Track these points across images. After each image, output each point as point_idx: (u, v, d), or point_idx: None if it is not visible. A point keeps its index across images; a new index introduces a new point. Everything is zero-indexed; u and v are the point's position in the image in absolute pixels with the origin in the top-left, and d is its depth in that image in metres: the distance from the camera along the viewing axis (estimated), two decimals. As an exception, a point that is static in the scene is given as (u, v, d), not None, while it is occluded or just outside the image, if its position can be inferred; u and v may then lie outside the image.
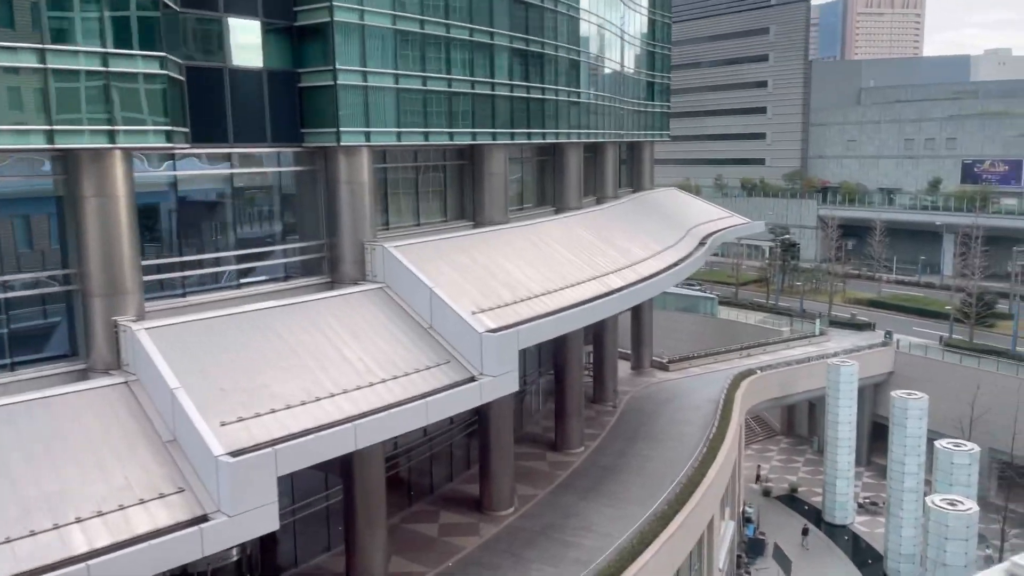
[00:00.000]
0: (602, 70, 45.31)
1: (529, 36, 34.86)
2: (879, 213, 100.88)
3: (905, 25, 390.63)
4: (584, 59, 41.39)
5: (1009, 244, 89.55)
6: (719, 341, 73.37)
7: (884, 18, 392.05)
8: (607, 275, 33.25)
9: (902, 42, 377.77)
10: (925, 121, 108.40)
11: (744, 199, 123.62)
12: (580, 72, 41.35)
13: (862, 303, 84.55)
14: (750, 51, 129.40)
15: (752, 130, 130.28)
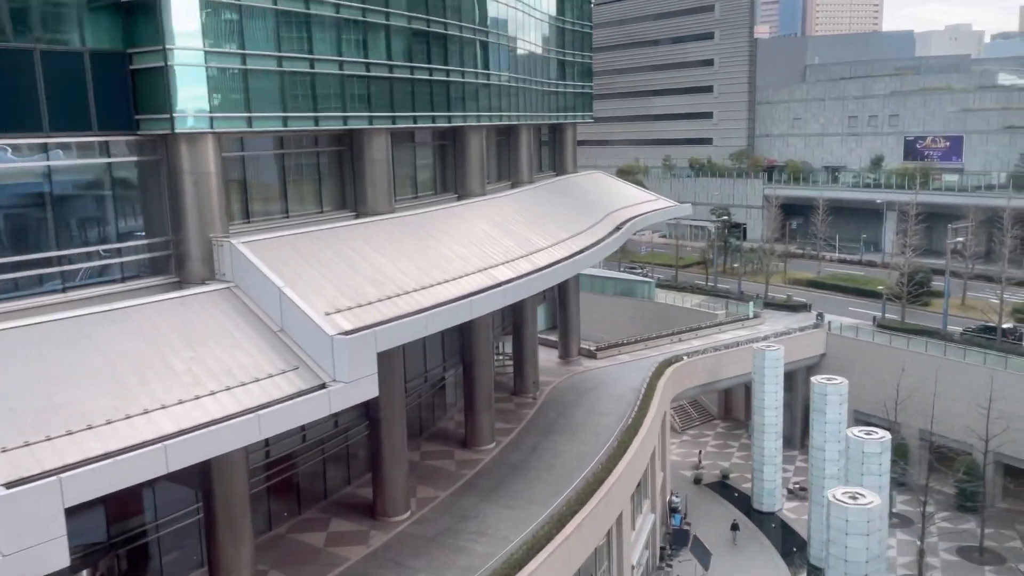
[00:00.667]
0: (508, 49, 43.22)
1: (412, 13, 32.65)
2: (821, 192, 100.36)
3: (864, 1, 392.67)
4: (483, 37, 39.26)
5: (950, 221, 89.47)
6: (657, 325, 72.17)
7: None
8: (496, 267, 31.38)
9: (861, 18, 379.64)
10: (868, 98, 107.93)
11: (692, 180, 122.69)
12: (479, 51, 39.22)
13: (801, 283, 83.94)
14: (696, 29, 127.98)
15: (699, 110, 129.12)
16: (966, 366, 52.76)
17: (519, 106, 45.09)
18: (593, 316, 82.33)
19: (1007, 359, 51.45)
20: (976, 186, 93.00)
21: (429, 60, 34.50)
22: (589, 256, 38.73)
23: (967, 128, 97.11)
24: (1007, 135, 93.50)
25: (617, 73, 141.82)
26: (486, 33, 40.18)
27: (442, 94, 35.82)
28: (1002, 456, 51.51)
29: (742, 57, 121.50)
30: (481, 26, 39.14)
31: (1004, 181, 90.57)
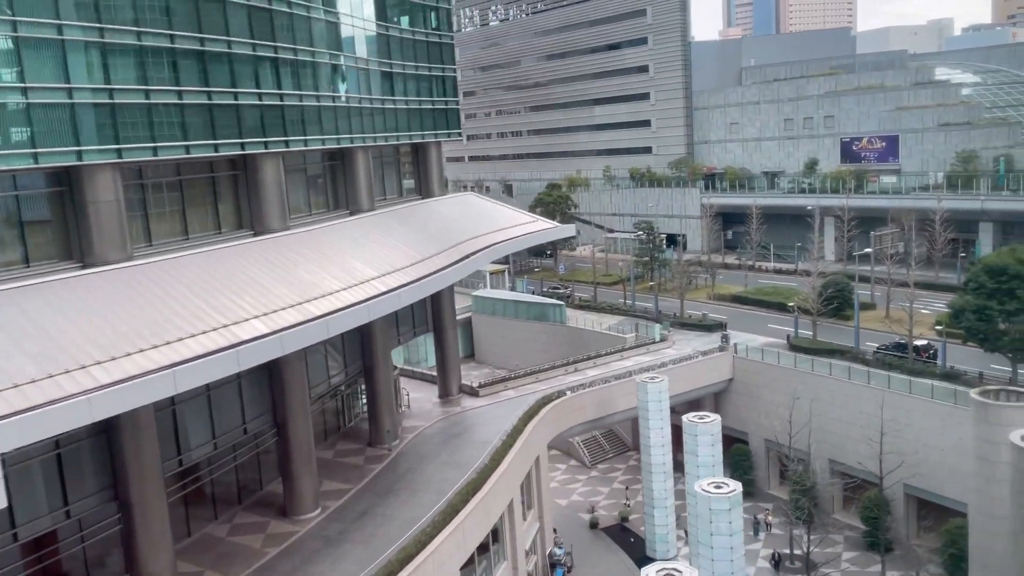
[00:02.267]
0: (331, 66, 38.64)
1: (176, 32, 27.93)
2: (754, 199, 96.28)
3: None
4: (288, 55, 34.67)
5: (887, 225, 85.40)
6: (570, 350, 67.65)
7: None
8: (243, 322, 26.51)
9: (836, 15, 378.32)
10: (802, 99, 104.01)
11: (632, 190, 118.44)
12: (283, 69, 34.64)
13: (725, 299, 79.48)
14: (630, 35, 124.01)
15: (638, 117, 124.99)
16: (868, 391, 48.19)
17: (348, 127, 40.48)
18: (507, 342, 77.90)
19: (911, 382, 46.91)
20: (913, 187, 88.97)
21: (206, 81, 30.07)
22: (404, 293, 33.92)
23: (902, 127, 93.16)
24: (942, 133, 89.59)
25: (558, 83, 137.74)
26: (299, 49, 35.64)
27: (224, 119, 31.28)
28: (912, 489, 46.95)
29: (676, 62, 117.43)
30: (288, 41, 34.58)
31: (941, 181, 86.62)
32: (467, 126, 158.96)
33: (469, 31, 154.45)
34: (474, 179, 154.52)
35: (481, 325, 79.83)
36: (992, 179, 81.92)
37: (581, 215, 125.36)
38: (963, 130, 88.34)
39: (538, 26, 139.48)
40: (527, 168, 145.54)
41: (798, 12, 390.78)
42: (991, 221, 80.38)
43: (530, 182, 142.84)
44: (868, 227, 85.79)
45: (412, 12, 47.94)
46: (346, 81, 40.29)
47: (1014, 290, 44.24)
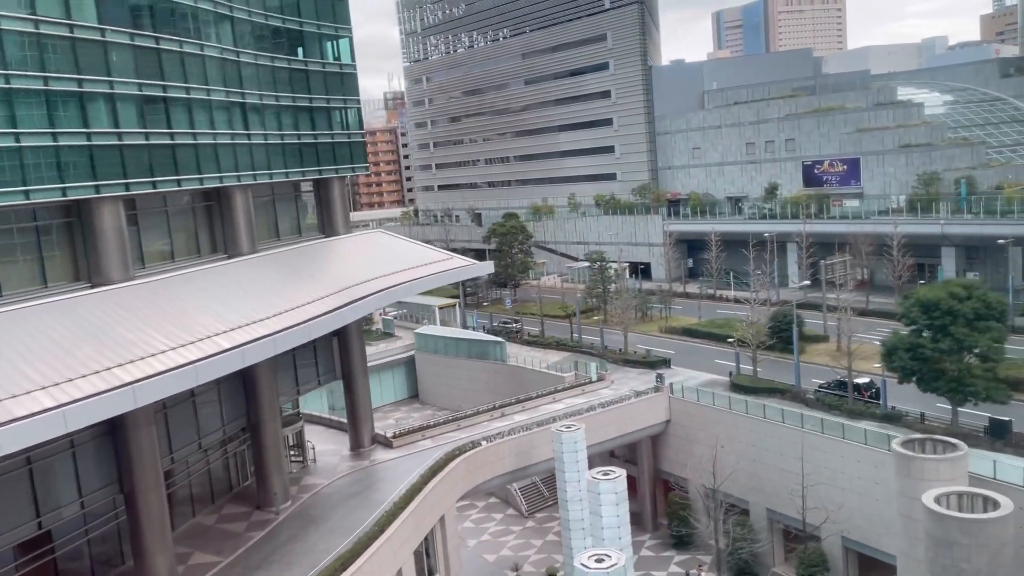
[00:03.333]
0: (190, 100, 35.70)
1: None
2: (712, 226, 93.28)
3: (827, 19, 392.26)
4: (130, 90, 31.79)
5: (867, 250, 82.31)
6: (510, 390, 64.28)
7: (805, 14, 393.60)
8: (23, 396, 23.27)
9: (826, 36, 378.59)
10: (763, 123, 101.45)
11: (596, 218, 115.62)
12: (122, 105, 31.75)
13: (676, 331, 76.09)
14: (591, 60, 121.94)
15: (602, 144, 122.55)
16: (801, 435, 44.75)
17: (220, 166, 37.52)
18: (449, 382, 74.53)
19: (843, 426, 43.51)
20: (876, 211, 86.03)
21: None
22: (250, 352, 30.60)
23: (862, 149, 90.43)
24: (903, 155, 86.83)
25: (524, 110, 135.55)
26: (139, 85, 32.78)
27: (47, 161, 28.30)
28: (849, 542, 43.39)
29: (637, 87, 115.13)
30: (128, 76, 31.68)
31: (903, 205, 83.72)
32: (436, 155, 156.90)
33: (436, 58, 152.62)
34: (443, 208, 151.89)
35: (424, 364, 76.52)
36: (954, 202, 78.99)
37: (547, 244, 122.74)
38: (924, 151, 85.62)
39: (502, 52, 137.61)
40: (496, 196, 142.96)
41: (787, 34, 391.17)
42: (953, 246, 77.35)
43: (499, 210, 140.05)
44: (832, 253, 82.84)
45: (304, 42, 45.17)
46: (212, 116, 37.33)
47: (947, 327, 41.01)
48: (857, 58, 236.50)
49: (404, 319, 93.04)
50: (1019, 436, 42.71)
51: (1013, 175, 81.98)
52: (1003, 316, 43.86)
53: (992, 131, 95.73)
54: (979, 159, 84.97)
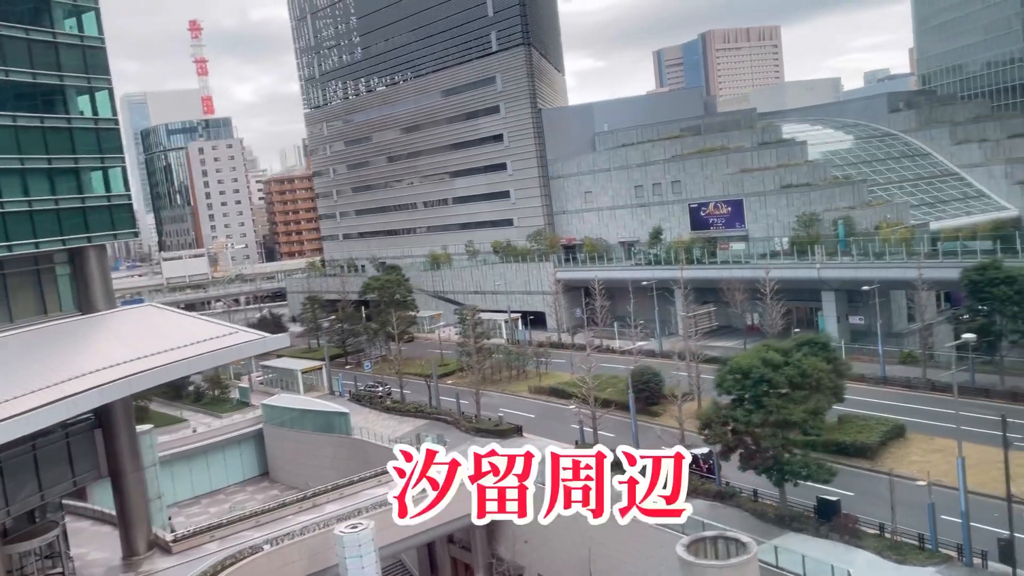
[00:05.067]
0: None
1: None
2: (596, 272, 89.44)
3: (764, 57, 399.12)
4: None
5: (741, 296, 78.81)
6: (354, 467, 58.43)
7: (742, 52, 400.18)
8: None
9: (763, 73, 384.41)
10: (649, 165, 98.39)
11: (491, 266, 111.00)
12: None
13: (544, 391, 71.24)
14: (483, 103, 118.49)
15: (498, 188, 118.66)
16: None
17: None
18: (298, 458, 68.20)
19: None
20: (762, 254, 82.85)
21: None
22: None
23: (745, 191, 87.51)
24: (784, 196, 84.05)
25: (421, 155, 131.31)
26: None
27: None
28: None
29: (528, 130, 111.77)
30: None
31: (786, 247, 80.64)
32: (339, 203, 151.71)
33: (335, 104, 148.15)
34: (347, 258, 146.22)
35: (273, 438, 70.20)
36: (833, 244, 76.00)
37: (445, 294, 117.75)
38: (803, 192, 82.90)
39: (399, 96, 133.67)
40: (398, 245, 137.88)
41: (726, 71, 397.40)
42: (832, 290, 74.13)
43: (402, 259, 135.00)
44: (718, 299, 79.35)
45: (44, 96, 39.79)
46: None
47: (759, 397, 36.60)
48: (775, 94, 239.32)
49: (272, 384, 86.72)
50: (853, 516, 38.31)
51: (893, 214, 79.50)
52: (830, 380, 39.67)
53: (879, 167, 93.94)
54: (860, 198, 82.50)
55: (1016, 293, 51.91)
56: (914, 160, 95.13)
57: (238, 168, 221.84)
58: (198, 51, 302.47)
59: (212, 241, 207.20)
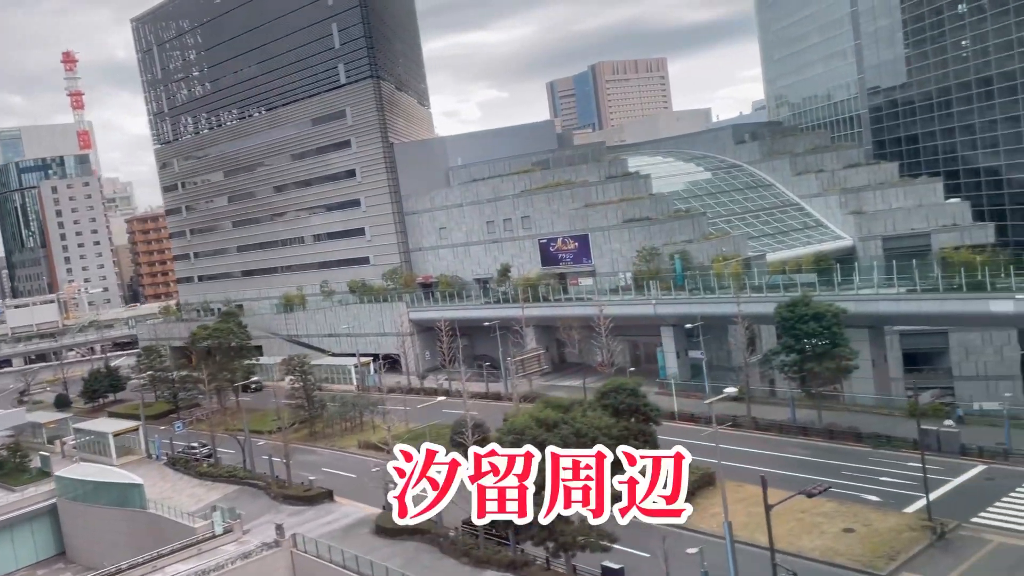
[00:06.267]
0: None
1: None
2: (441, 312, 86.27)
3: (651, 86, 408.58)
4: None
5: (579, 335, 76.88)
6: (150, 544, 52.41)
7: (631, 82, 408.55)
8: None
9: (652, 103, 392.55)
10: (500, 200, 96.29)
11: (345, 307, 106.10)
12: None
13: (372, 446, 66.73)
14: (334, 137, 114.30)
15: (352, 225, 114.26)
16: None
17: None
18: (94, 535, 61.28)
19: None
20: (608, 289, 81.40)
21: None
22: None
23: (590, 225, 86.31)
24: (626, 230, 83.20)
25: (275, 192, 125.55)
26: None
27: None
28: None
29: (380, 165, 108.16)
30: None
31: (630, 283, 79.45)
32: (193, 243, 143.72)
33: (186, 140, 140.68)
34: (202, 301, 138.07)
35: (69, 514, 63.06)
36: (672, 278, 75.08)
37: (299, 337, 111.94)
38: (644, 226, 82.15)
39: (251, 131, 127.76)
40: (254, 286, 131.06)
41: (615, 101, 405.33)
42: (670, 325, 73.01)
43: (259, 300, 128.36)
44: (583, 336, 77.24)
45: None
46: None
47: (535, 463, 33.47)
48: (649, 125, 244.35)
49: (86, 448, 78.83)
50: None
51: (731, 246, 79.52)
52: (611, 434, 37.06)
53: (723, 199, 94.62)
54: (700, 231, 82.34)
55: (824, 329, 51.36)
56: (757, 191, 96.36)
57: (96, 207, 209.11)
58: (73, 84, 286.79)
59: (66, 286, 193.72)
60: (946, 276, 55.34)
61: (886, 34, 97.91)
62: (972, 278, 53.08)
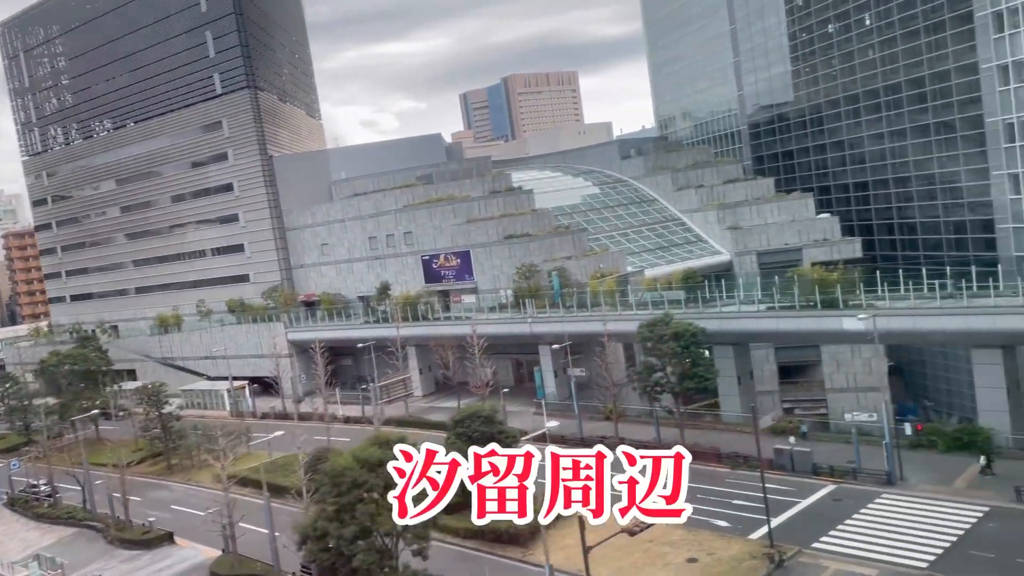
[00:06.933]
0: None
1: None
2: (317, 332, 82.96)
3: (563, 99, 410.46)
4: None
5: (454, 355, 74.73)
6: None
7: (543, 95, 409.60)
8: None
9: (564, 116, 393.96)
10: (382, 215, 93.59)
11: (222, 328, 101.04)
12: None
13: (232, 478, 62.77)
14: (211, 150, 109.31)
15: (231, 242, 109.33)
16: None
17: None
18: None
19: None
20: (490, 307, 79.77)
21: None
22: None
23: (472, 241, 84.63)
24: (507, 246, 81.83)
25: (151, 206, 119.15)
26: None
27: None
28: None
29: (258, 179, 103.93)
30: None
31: (511, 300, 78.00)
32: (64, 260, 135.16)
33: (56, 151, 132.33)
34: (74, 322, 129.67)
35: None
36: (549, 296, 73.90)
37: (174, 360, 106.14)
38: (524, 242, 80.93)
39: (124, 142, 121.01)
40: (130, 305, 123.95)
41: (527, 113, 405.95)
42: (548, 344, 71.71)
43: (136, 321, 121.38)
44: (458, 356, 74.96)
45: None
46: None
47: (354, 505, 31.14)
48: (550, 138, 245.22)
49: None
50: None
51: (609, 262, 79.02)
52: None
53: (607, 214, 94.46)
54: (580, 247, 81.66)
55: (683, 349, 50.78)
56: (641, 206, 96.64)
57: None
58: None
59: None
60: (803, 294, 55.66)
61: (762, 52, 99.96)
62: (828, 295, 53.53)
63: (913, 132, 78.18)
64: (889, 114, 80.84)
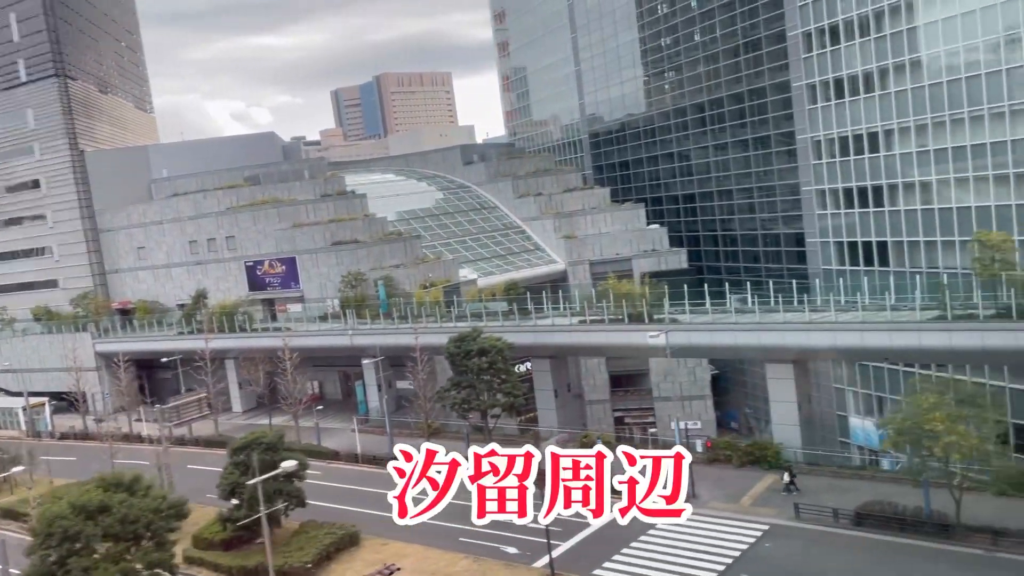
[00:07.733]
0: None
1: None
2: (127, 344, 76.66)
3: (436, 99, 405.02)
4: None
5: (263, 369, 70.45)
6: None
7: (416, 95, 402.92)
8: None
9: (438, 117, 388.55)
10: (203, 217, 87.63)
11: (22, 339, 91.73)
12: None
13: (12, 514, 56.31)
14: (14, 143, 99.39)
15: (37, 244, 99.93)
16: None
17: None
18: None
19: None
20: (320, 316, 75.66)
21: None
22: None
23: (298, 248, 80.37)
24: (335, 253, 78.16)
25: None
26: None
27: None
28: None
29: (68, 175, 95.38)
30: None
31: (339, 310, 74.28)
32: None
33: None
34: None
35: None
36: (376, 307, 70.79)
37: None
38: (351, 249, 77.51)
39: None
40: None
41: (401, 112, 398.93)
42: (372, 357, 68.57)
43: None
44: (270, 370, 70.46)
45: None
46: None
47: (67, 559, 27.07)
48: (411, 139, 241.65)
49: None
50: None
51: (440, 271, 76.85)
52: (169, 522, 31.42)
53: (447, 221, 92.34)
54: (413, 255, 79.08)
55: (490, 365, 49.09)
56: (482, 213, 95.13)
57: None
58: None
59: None
60: (614, 307, 55.23)
61: (600, 62, 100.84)
62: (637, 309, 53.32)
63: (734, 147, 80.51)
64: (714, 128, 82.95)
